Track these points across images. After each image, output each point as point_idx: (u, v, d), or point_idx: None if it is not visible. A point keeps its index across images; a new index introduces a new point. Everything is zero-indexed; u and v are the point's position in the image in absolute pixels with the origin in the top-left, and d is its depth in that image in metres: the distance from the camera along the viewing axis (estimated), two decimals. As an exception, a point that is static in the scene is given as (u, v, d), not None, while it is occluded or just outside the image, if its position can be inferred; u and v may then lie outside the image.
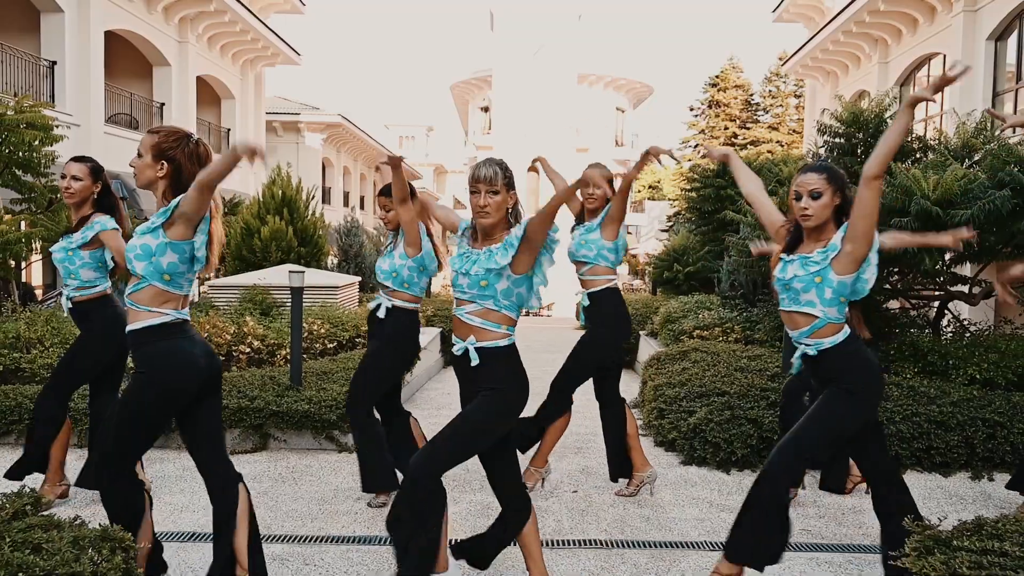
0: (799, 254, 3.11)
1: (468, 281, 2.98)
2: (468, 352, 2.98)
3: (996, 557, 2.19)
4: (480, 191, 2.98)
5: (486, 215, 2.99)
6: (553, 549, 3.85)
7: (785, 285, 3.11)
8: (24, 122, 6.59)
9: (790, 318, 3.16)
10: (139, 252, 2.85)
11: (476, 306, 2.99)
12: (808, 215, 3.05)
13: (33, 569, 2.02)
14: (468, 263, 3.01)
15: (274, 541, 3.88)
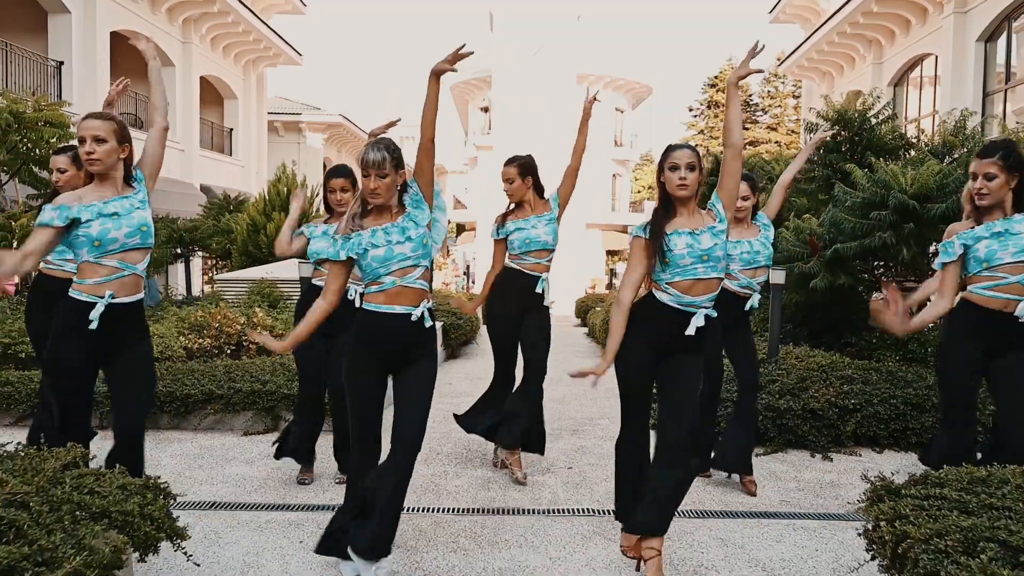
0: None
1: (412, 246, 3.15)
2: (425, 315, 3.17)
3: (936, 500, 2.48)
4: (371, 175, 3.13)
5: (377, 196, 3.15)
6: (549, 516, 4.14)
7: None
8: (43, 120, 6.88)
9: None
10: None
11: (421, 269, 3.18)
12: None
13: (90, 507, 2.31)
14: (396, 231, 3.15)
15: (290, 510, 4.18)
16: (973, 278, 3.64)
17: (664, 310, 3.26)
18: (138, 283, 3.31)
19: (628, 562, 3.52)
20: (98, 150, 3.18)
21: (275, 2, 25.89)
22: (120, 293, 3.22)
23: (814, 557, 3.62)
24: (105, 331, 3.19)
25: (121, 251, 3.21)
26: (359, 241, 3.14)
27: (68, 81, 15.39)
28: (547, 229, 4.83)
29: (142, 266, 3.30)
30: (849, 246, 6.24)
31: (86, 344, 3.18)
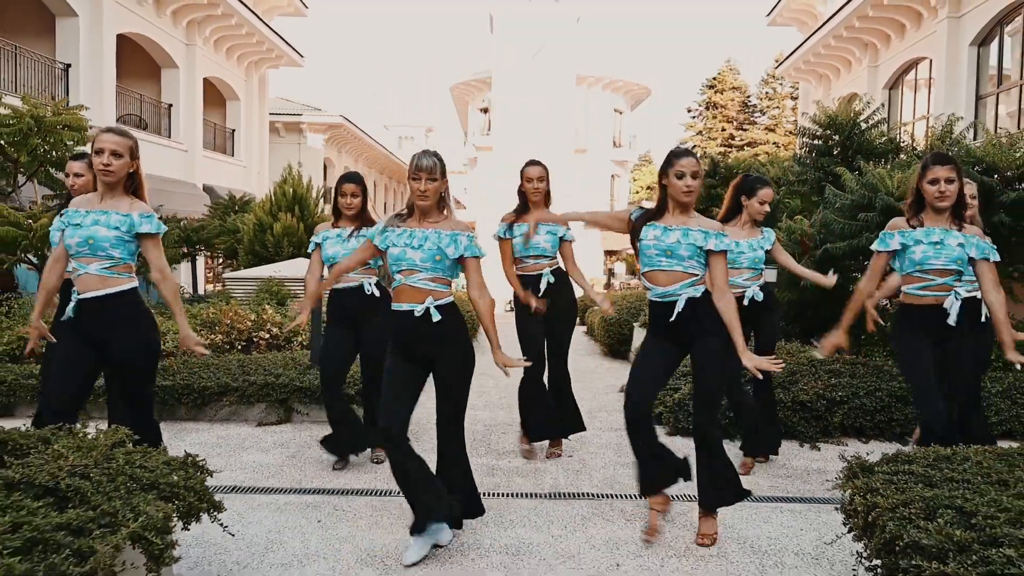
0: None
1: (422, 255, 3.47)
2: (430, 312, 3.48)
3: (904, 476, 2.74)
4: (421, 178, 3.46)
5: (425, 198, 3.48)
6: (551, 500, 4.40)
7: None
8: (62, 124, 7.13)
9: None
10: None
11: (424, 277, 3.50)
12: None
13: (141, 479, 2.56)
14: (418, 237, 3.48)
15: (306, 493, 4.43)
16: (907, 278, 3.99)
17: (652, 305, 3.70)
18: (103, 280, 3.57)
19: (625, 539, 3.78)
20: (114, 164, 3.55)
21: (277, 4, 26.14)
22: (82, 289, 3.57)
23: (798, 535, 3.88)
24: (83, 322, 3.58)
25: (76, 256, 3.56)
26: (389, 236, 3.53)
27: (75, 83, 15.61)
28: (547, 237, 5.11)
29: (98, 266, 3.56)
30: (838, 246, 6.50)
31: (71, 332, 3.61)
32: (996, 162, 6.34)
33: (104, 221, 3.54)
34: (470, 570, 3.41)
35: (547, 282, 5.14)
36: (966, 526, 2.25)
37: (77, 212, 3.58)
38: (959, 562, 2.09)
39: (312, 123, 30.69)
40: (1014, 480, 2.55)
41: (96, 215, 3.56)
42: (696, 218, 3.68)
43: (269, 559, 3.49)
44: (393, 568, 3.42)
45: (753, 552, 3.68)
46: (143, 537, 2.28)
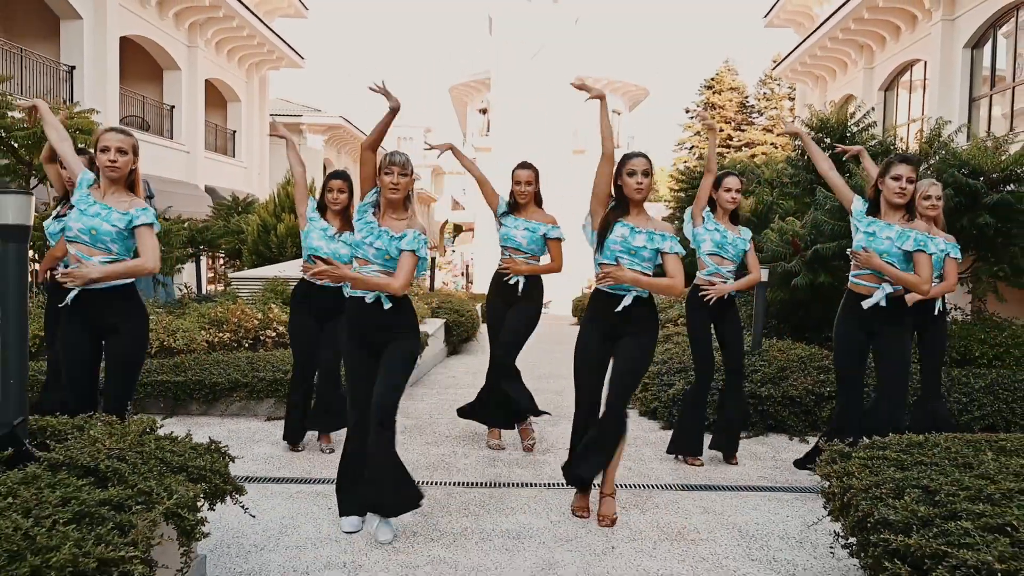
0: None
1: (374, 252, 3.72)
2: (380, 299, 3.72)
3: (878, 460, 2.94)
4: (394, 172, 3.69)
5: (396, 191, 3.72)
6: (550, 489, 4.60)
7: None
8: (75, 128, 7.33)
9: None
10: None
11: (374, 268, 3.75)
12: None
13: (171, 463, 2.76)
14: (374, 233, 3.73)
15: (316, 483, 4.63)
16: (852, 266, 4.39)
17: (597, 296, 4.05)
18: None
19: (619, 524, 3.99)
20: (120, 160, 3.77)
21: (278, 6, 26.33)
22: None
23: (784, 521, 4.09)
24: (87, 310, 3.75)
25: (76, 241, 3.72)
26: (364, 217, 3.80)
27: (79, 85, 15.79)
28: (525, 235, 5.34)
29: (100, 259, 3.73)
30: (828, 246, 6.71)
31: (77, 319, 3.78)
32: (981, 165, 6.54)
33: (106, 216, 3.72)
34: (474, 552, 3.62)
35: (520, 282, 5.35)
36: (930, 503, 2.46)
37: (87, 198, 3.74)
38: (921, 534, 2.30)
39: (312, 124, 30.86)
40: (977, 463, 2.76)
41: (100, 207, 3.74)
42: (653, 221, 4.03)
43: (284, 542, 3.69)
44: (400, 550, 3.62)
45: (741, 536, 3.89)
46: (176, 514, 2.48)
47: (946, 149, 7.00)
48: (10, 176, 8.00)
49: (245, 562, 3.45)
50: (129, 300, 3.84)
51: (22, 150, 7.43)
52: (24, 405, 2.72)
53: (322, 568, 3.41)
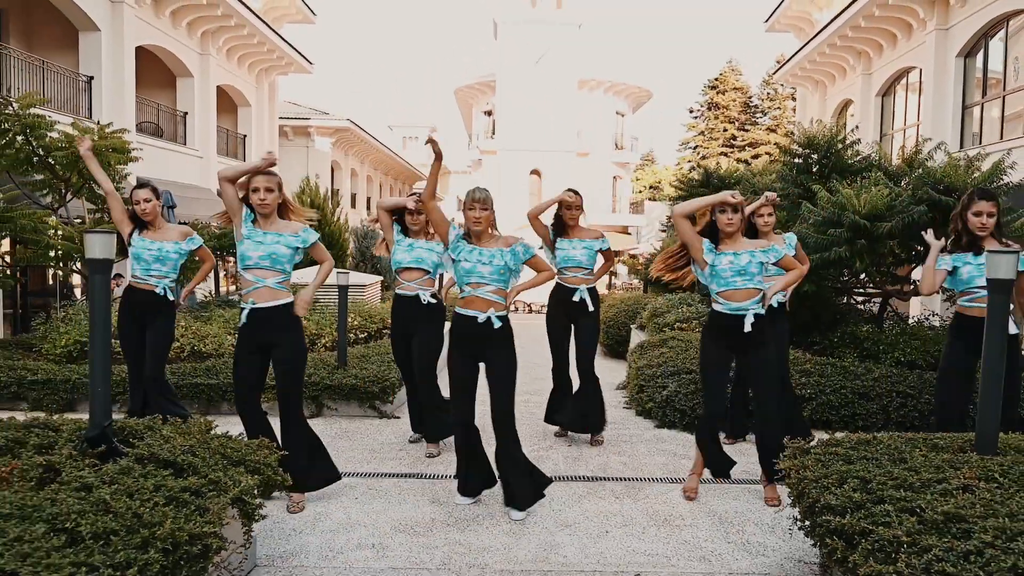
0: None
1: (490, 269, 4.27)
2: (491, 319, 4.27)
3: (831, 456, 3.45)
4: (476, 208, 4.27)
5: (479, 224, 4.29)
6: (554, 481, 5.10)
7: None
8: (110, 147, 7.86)
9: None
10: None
11: (493, 287, 4.29)
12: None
13: (232, 457, 3.28)
14: (487, 256, 4.28)
15: (345, 475, 5.14)
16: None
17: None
18: (274, 293, 4.39)
19: (613, 512, 4.51)
20: (268, 198, 4.36)
21: (287, 12, 26.87)
22: (259, 300, 4.35)
23: (760, 510, 4.60)
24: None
25: (253, 268, 4.33)
26: (463, 248, 4.30)
27: (98, 94, 16.32)
28: (584, 253, 5.98)
29: (274, 280, 4.37)
30: (812, 258, 7.19)
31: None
32: (953, 182, 7.02)
33: (282, 241, 4.34)
34: (485, 535, 4.14)
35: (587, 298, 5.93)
36: (864, 491, 2.97)
37: (255, 230, 4.33)
38: (853, 516, 2.81)
39: (320, 127, 31.36)
40: (910, 457, 3.27)
41: (273, 236, 4.34)
42: (746, 241, 4.62)
43: (319, 527, 4.22)
44: (421, 533, 4.14)
45: (720, 522, 4.40)
46: (241, 499, 3.00)
47: (923, 167, 7.49)
48: (46, 189, 8.53)
49: (287, 543, 3.98)
50: (290, 315, 4.43)
51: (58, 167, 7.95)
52: (110, 409, 3.24)
53: (354, 548, 3.93)
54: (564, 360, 6.15)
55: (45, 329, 7.92)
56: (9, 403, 6.82)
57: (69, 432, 3.34)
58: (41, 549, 2.16)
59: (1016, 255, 3.27)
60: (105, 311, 3.21)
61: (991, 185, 7.10)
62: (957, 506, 2.63)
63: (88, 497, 2.56)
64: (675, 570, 3.77)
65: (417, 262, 5.55)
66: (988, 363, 3.28)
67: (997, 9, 15.01)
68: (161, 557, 2.35)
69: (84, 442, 3.14)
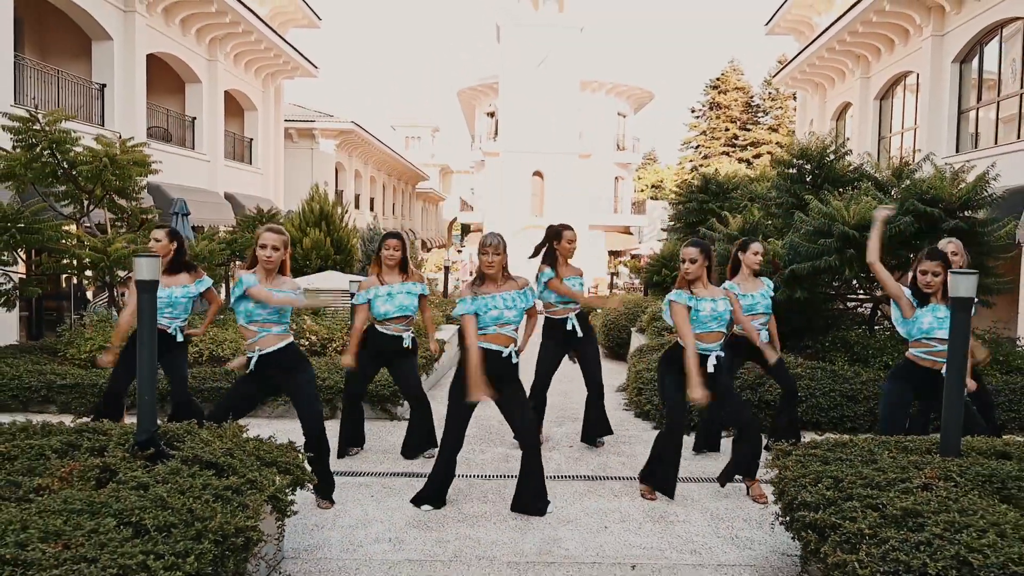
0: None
1: (515, 313, 4.64)
2: (512, 355, 4.65)
3: (810, 457, 3.78)
4: (488, 252, 4.61)
5: (492, 268, 4.63)
6: (555, 481, 5.45)
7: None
8: (131, 160, 8.20)
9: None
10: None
11: (514, 325, 4.67)
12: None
13: (264, 458, 3.61)
14: (511, 301, 4.63)
15: (358, 475, 5.50)
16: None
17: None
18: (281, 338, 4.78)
19: (612, 509, 4.85)
20: (274, 256, 4.71)
21: (292, 17, 27.25)
22: (264, 346, 4.73)
23: (749, 507, 4.94)
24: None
25: (260, 322, 4.70)
26: (482, 300, 4.59)
27: (110, 102, 16.68)
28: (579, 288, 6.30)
29: (278, 329, 4.76)
30: (803, 266, 7.53)
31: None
32: (939, 194, 7.35)
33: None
34: (492, 530, 4.48)
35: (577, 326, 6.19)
36: (836, 489, 3.30)
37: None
38: (826, 512, 3.14)
39: (324, 129, 31.72)
40: (880, 459, 3.60)
41: (278, 293, 4.68)
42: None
43: (339, 523, 4.56)
44: (433, 528, 4.49)
45: (712, 518, 4.74)
46: (275, 497, 3.34)
47: (910, 179, 7.81)
48: (69, 200, 8.88)
49: (311, 538, 4.32)
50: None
51: (82, 179, 8.29)
52: (156, 416, 3.58)
53: (372, 542, 4.27)
54: (543, 390, 6.30)
55: (71, 335, 8.27)
56: (39, 406, 7.17)
57: (118, 436, 3.68)
58: (115, 540, 2.50)
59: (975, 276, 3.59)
60: (152, 328, 3.54)
61: (975, 196, 7.42)
62: (915, 503, 2.96)
63: (147, 495, 2.90)
64: (668, 562, 4.11)
65: (401, 311, 5.71)
66: (951, 375, 3.61)
67: (991, 16, 15.32)
68: (213, 547, 2.69)
69: (135, 445, 3.48)
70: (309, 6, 27.01)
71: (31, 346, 8.69)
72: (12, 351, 8.26)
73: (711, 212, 12.80)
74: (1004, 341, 7.99)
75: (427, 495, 4.87)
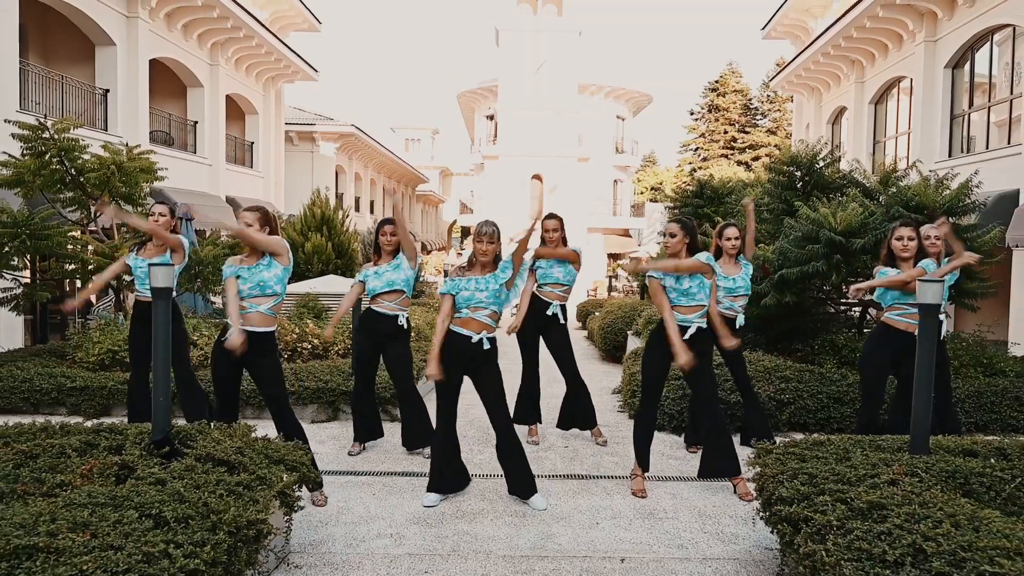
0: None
1: (487, 294, 4.83)
2: (483, 340, 4.86)
3: (789, 455, 3.99)
4: (483, 240, 4.87)
5: (486, 256, 4.88)
6: (551, 479, 5.66)
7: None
8: (138, 168, 8.42)
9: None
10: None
11: (489, 311, 4.86)
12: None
13: (273, 456, 3.82)
14: (483, 283, 4.85)
15: (360, 475, 5.71)
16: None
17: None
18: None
19: (604, 507, 5.06)
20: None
21: (293, 21, 27.48)
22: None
23: (736, 504, 5.15)
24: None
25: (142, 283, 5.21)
26: (460, 281, 4.86)
27: (113, 107, 16.88)
28: (562, 271, 6.49)
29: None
30: (792, 271, 7.73)
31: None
32: (923, 201, 7.57)
33: (259, 269, 4.84)
34: (489, 526, 4.69)
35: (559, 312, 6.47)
36: (810, 484, 3.51)
37: (242, 268, 4.83)
38: (799, 506, 3.35)
39: (324, 132, 31.94)
40: (853, 456, 3.81)
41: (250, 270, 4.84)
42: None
43: (342, 519, 4.77)
44: (433, 524, 4.70)
45: (700, 516, 4.95)
46: (284, 493, 3.56)
47: (896, 186, 8.03)
48: (75, 206, 9.09)
49: (315, 533, 4.53)
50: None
51: (89, 186, 8.51)
52: (170, 416, 3.79)
53: (375, 538, 4.48)
54: (534, 364, 6.71)
55: (79, 338, 8.48)
56: (49, 408, 7.39)
57: (133, 435, 3.89)
58: (138, 530, 2.71)
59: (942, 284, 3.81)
60: (167, 332, 3.76)
61: (959, 204, 7.64)
62: (881, 497, 3.17)
63: (165, 489, 3.11)
64: (656, 555, 4.32)
65: (389, 285, 5.94)
66: (920, 376, 3.82)
67: (982, 23, 15.55)
68: (227, 538, 2.90)
69: (151, 444, 3.69)
70: (309, 10, 27.23)
71: (39, 349, 8.90)
72: (21, 354, 8.48)
73: (706, 217, 13.00)
74: (988, 344, 8.19)
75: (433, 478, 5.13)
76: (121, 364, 7.86)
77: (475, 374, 4.97)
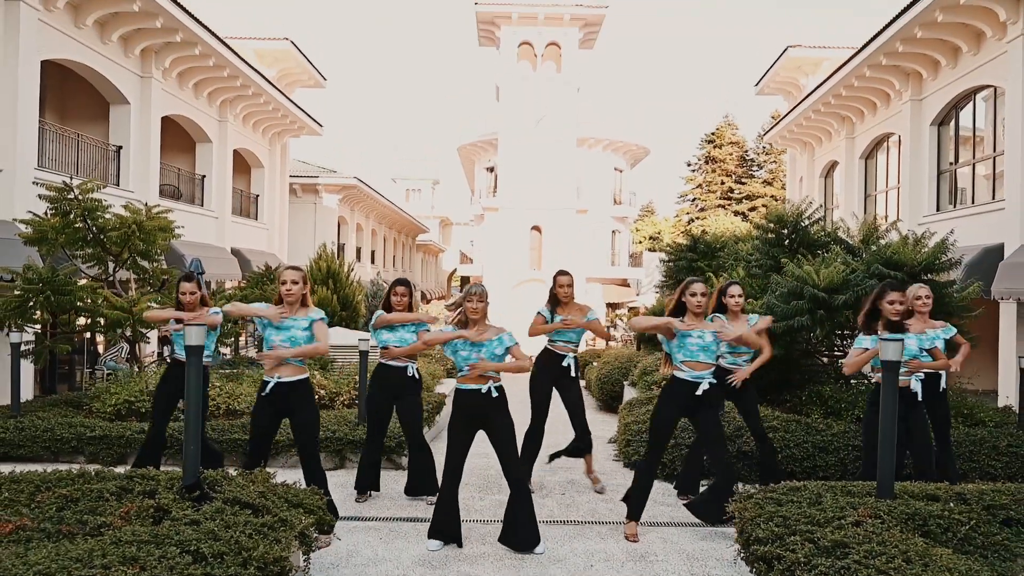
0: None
1: (484, 352, 5.23)
2: (491, 390, 5.23)
3: (767, 500, 4.32)
4: (474, 300, 5.30)
5: (476, 314, 5.29)
6: (548, 525, 5.96)
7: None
8: (157, 227, 8.87)
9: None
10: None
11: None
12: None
13: (292, 501, 4.16)
14: (484, 346, 5.25)
15: (367, 520, 6.01)
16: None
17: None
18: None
19: (598, 551, 5.37)
20: (294, 289, 5.33)
21: (299, 78, 28.36)
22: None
23: (724, 549, 5.45)
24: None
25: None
26: (459, 345, 5.26)
27: (126, 163, 17.43)
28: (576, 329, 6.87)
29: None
30: (779, 325, 8.11)
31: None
32: (902, 259, 7.98)
33: (297, 325, 5.26)
34: (491, 569, 5.00)
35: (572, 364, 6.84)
36: (783, 526, 3.85)
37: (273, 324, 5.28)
38: (772, 545, 3.68)
39: (328, 184, 32.59)
40: (824, 501, 4.15)
41: (290, 321, 5.28)
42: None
43: (352, 562, 5.08)
44: (438, 567, 5.01)
45: (689, 559, 5.26)
46: (303, 534, 3.89)
47: (877, 245, 8.46)
48: (94, 262, 9.52)
49: (328, 574, 4.84)
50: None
51: (110, 243, 8.94)
52: (199, 463, 4.14)
53: (383, 578, 4.79)
54: (543, 420, 6.93)
55: (97, 389, 8.83)
56: (68, 456, 7.71)
57: (165, 481, 4.24)
58: (180, 564, 3.06)
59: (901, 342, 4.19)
60: (198, 386, 4.13)
61: (936, 261, 8.05)
62: (844, 536, 3.51)
63: (199, 528, 3.45)
64: (646, 595, 4.63)
65: (401, 342, 6.37)
66: (884, 425, 4.18)
67: (964, 84, 16.19)
68: (257, 572, 3.24)
69: (183, 488, 4.04)
70: (315, 67, 28.10)
71: (55, 400, 9.24)
72: (37, 405, 8.82)
73: (699, 271, 13.41)
74: (968, 395, 8.53)
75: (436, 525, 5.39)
76: (136, 414, 8.20)
77: (488, 425, 5.32)
